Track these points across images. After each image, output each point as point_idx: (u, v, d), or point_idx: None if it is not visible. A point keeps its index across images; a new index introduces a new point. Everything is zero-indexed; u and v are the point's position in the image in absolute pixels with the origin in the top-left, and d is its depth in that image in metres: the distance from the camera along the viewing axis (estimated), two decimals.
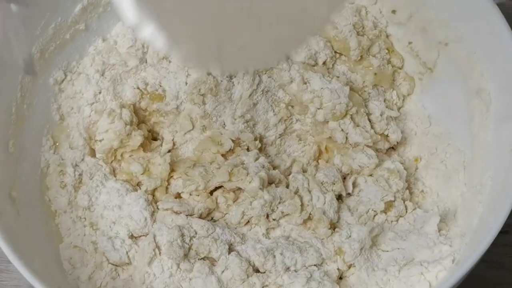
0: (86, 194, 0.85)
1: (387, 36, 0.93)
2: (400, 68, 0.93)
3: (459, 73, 0.88)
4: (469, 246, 0.78)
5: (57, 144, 0.88)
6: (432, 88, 0.92)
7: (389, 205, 0.85)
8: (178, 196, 0.86)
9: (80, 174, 0.86)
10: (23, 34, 0.83)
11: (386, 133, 0.90)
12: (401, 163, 0.89)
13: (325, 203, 0.84)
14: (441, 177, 0.88)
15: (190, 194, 0.85)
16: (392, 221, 0.85)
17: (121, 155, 0.87)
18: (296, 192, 0.85)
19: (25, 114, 0.85)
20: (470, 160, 0.86)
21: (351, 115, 0.88)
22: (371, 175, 0.88)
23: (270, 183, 0.85)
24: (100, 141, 0.88)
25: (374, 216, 0.85)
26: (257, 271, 0.82)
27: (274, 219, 0.84)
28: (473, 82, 0.86)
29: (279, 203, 0.84)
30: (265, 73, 0.89)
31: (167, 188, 0.86)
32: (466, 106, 0.87)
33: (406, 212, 0.86)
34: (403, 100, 0.93)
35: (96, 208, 0.84)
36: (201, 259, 0.81)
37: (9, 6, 0.80)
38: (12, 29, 0.81)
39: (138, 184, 0.86)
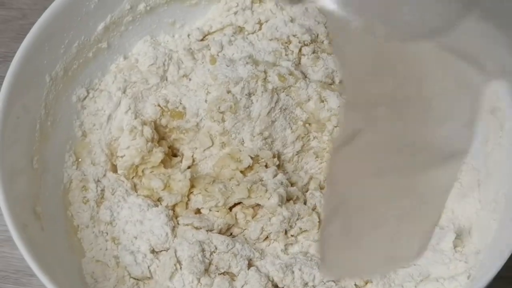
0: (108, 209, 0.86)
1: None
2: None
3: None
4: (484, 262, 0.79)
5: (80, 160, 0.89)
6: None
7: None
8: (198, 211, 0.87)
9: (102, 190, 0.88)
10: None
11: None
12: None
13: None
14: (456, 194, 0.88)
15: (210, 210, 0.86)
16: None
17: (142, 171, 0.89)
18: (313, 209, 0.87)
19: (48, 131, 0.87)
20: (485, 178, 0.87)
21: None
22: None
23: (288, 199, 0.87)
24: (122, 157, 0.89)
25: None
26: (276, 286, 0.83)
27: (292, 235, 0.86)
28: (488, 101, 0.86)
29: (297, 219, 0.85)
30: (283, 91, 0.90)
31: (187, 203, 0.87)
32: (481, 125, 0.88)
33: None
34: None
35: (118, 223, 0.86)
36: (221, 274, 0.83)
37: None
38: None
39: (159, 200, 0.87)
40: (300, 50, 0.94)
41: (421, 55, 0.59)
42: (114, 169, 0.90)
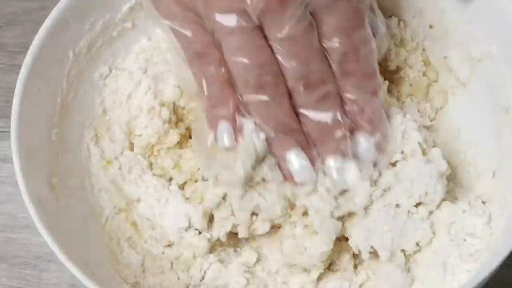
0: None
1: (424, 50, 0.95)
2: (435, 82, 0.94)
3: (490, 90, 0.89)
4: (493, 251, 0.79)
5: (99, 136, 0.90)
6: (463, 103, 0.93)
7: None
8: None
9: (120, 168, 0.89)
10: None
11: None
12: None
13: None
14: None
15: None
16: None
17: (158, 151, 0.89)
18: None
19: (69, 105, 0.88)
20: (498, 177, 0.88)
21: None
22: None
23: None
24: (139, 136, 0.90)
25: None
26: None
27: None
28: (503, 99, 0.87)
29: None
30: None
31: (196, 182, 0.88)
32: (495, 122, 0.88)
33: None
34: (436, 112, 0.94)
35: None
36: None
37: None
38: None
39: (171, 179, 0.89)
40: None
41: None
42: (132, 147, 0.91)
